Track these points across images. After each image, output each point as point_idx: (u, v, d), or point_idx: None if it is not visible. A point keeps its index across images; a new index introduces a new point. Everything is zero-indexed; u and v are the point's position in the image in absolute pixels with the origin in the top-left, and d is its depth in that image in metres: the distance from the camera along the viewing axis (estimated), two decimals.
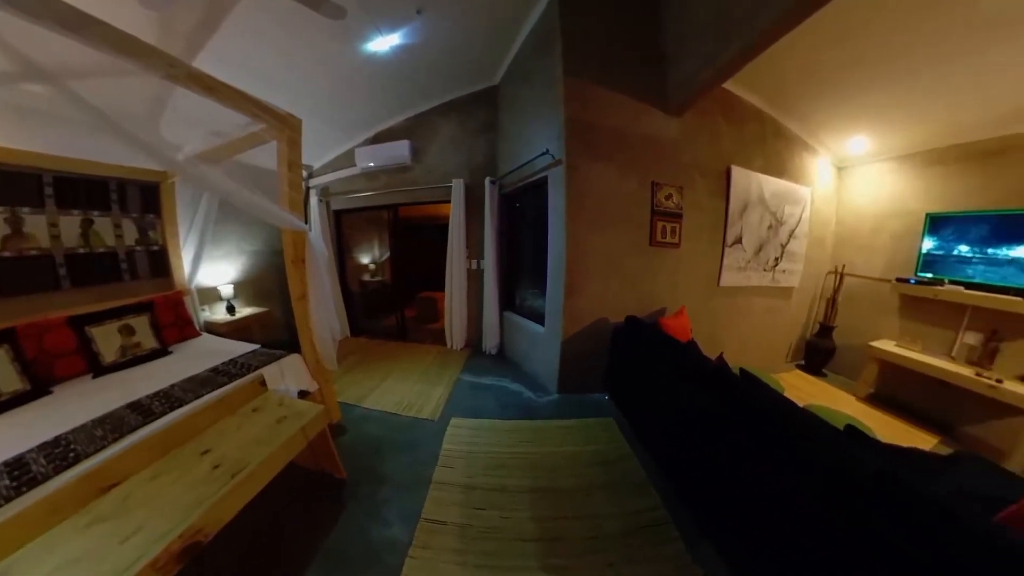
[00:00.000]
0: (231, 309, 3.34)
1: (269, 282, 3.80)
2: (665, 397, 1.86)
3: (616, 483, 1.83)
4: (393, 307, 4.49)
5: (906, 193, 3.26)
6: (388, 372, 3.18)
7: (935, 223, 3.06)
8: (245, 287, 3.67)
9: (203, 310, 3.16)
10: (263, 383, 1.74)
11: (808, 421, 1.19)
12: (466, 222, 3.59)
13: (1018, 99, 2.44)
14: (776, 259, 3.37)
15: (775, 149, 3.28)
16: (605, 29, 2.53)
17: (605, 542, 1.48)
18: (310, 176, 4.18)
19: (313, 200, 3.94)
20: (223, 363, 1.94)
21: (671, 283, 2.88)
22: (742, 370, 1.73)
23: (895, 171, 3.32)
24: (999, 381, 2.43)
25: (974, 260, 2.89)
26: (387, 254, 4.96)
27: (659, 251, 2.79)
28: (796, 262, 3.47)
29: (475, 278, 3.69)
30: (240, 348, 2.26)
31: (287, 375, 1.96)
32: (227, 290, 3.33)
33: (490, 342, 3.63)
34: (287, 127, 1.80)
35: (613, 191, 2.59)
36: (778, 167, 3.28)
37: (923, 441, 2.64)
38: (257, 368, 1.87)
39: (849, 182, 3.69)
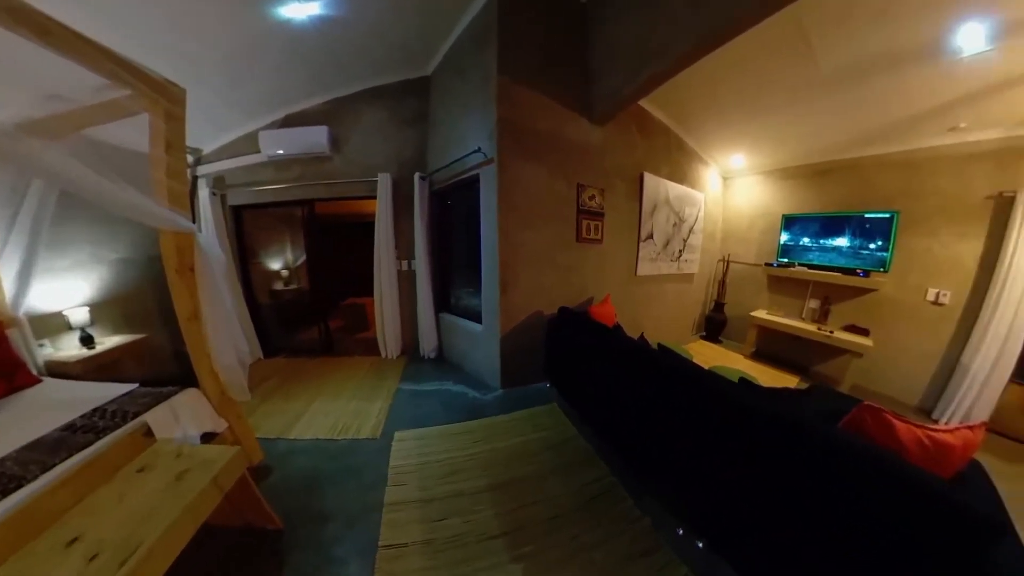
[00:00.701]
0: (88, 341, 2.35)
1: (145, 300, 2.83)
2: (599, 376, 2.00)
3: (567, 462, 1.93)
4: (314, 318, 3.87)
5: (769, 199, 4.06)
6: (315, 393, 2.74)
7: (788, 221, 3.82)
8: (109, 309, 2.67)
9: (42, 345, 2.20)
10: (149, 432, 1.35)
11: (712, 379, 1.47)
12: (394, 220, 3.28)
13: (835, 137, 3.32)
14: (680, 251, 3.81)
15: (677, 160, 3.77)
16: (540, 36, 2.55)
17: (565, 518, 1.56)
18: (198, 162, 3.37)
19: (203, 193, 3.18)
20: (83, 416, 1.39)
21: (597, 275, 3.06)
22: (660, 345, 1.95)
23: (763, 182, 4.14)
24: (831, 332, 3.24)
25: (812, 248, 3.67)
26: (303, 257, 4.18)
27: (585, 247, 2.93)
28: (695, 253, 4.01)
29: (407, 280, 3.44)
30: (108, 391, 1.65)
31: (183, 417, 1.53)
32: (79, 315, 2.36)
33: (428, 346, 3.42)
34: (165, 97, 1.35)
35: (543, 191, 2.64)
36: (680, 175, 3.76)
37: (790, 381, 3.35)
38: (137, 414, 1.41)
39: (732, 189, 4.48)
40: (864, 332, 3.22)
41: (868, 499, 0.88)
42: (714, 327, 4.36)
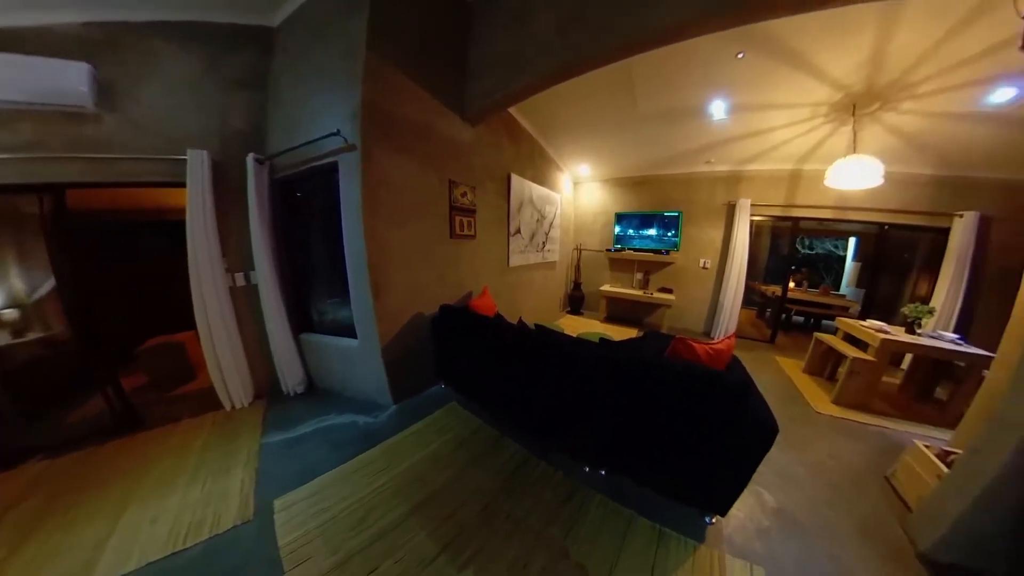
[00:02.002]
0: None
1: None
2: (489, 363, 2.12)
3: (479, 453, 1.95)
4: (88, 382, 2.29)
5: (607, 200, 5.04)
6: (124, 498, 1.68)
7: (619, 217, 4.79)
8: None
9: None
10: None
11: (581, 344, 1.83)
12: (218, 218, 2.25)
13: (647, 159, 4.34)
14: (543, 243, 4.25)
15: (539, 165, 4.14)
16: (418, 20, 2.30)
17: (494, 503, 1.60)
18: None
19: None
20: None
21: (473, 269, 3.09)
22: (536, 325, 2.15)
23: (602, 188, 5.11)
24: (652, 294, 4.40)
25: (635, 237, 4.76)
26: (49, 284, 2.20)
27: (459, 242, 2.91)
28: (555, 244, 4.56)
29: (245, 298, 2.52)
30: None
31: None
32: None
33: (292, 379, 2.61)
34: None
35: (414, 185, 2.45)
36: (541, 178, 4.14)
37: (632, 332, 4.33)
38: None
39: (581, 192, 5.30)
40: (670, 291, 4.53)
41: (689, 392, 1.41)
42: (576, 303, 5.17)
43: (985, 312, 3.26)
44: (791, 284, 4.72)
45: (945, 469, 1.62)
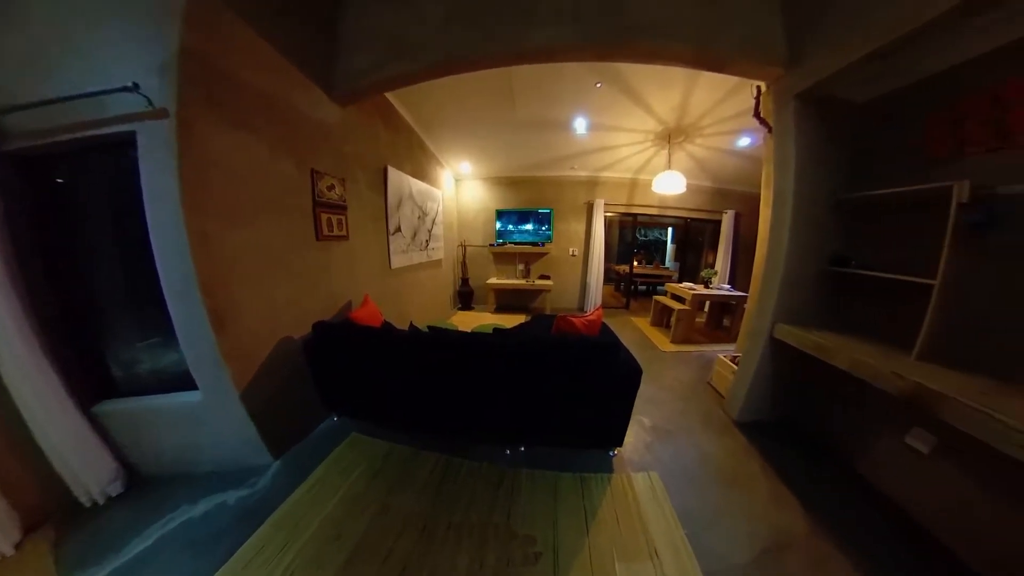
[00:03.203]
0: None
1: None
2: (386, 377, 1.90)
3: (399, 476, 1.77)
4: None
5: (487, 197, 5.11)
6: None
7: (499, 214, 4.96)
8: None
9: None
10: None
11: (476, 336, 1.83)
12: None
13: (524, 161, 4.55)
14: (427, 241, 3.98)
15: (419, 159, 3.82)
16: None
17: (432, 521, 1.49)
18: None
19: None
20: None
21: (349, 275, 2.64)
22: (429, 327, 2.01)
23: (483, 185, 5.14)
24: (534, 282, 4.76)
25: (515, 232, 5.02)
26: None
27: (329, 245, 2.42)
28: (439, 241, 4.36)
29: None
30: None
31: None
32: None
33: (94, 479, 1.58)
34: None
35: (263, 172, 1.85)
36: (421, 173, 3.84)
37: (521, 318, 4.52)
38: None
39: (463, 189, 5.19)
40: (548, 278, 5.03)
41: (575, 358, 1.63)
42: (465, 298, 5.14)
43: (742, 270, 4.98)
44: (635, 263, 6.12)
45: (735, 367, 2.47)
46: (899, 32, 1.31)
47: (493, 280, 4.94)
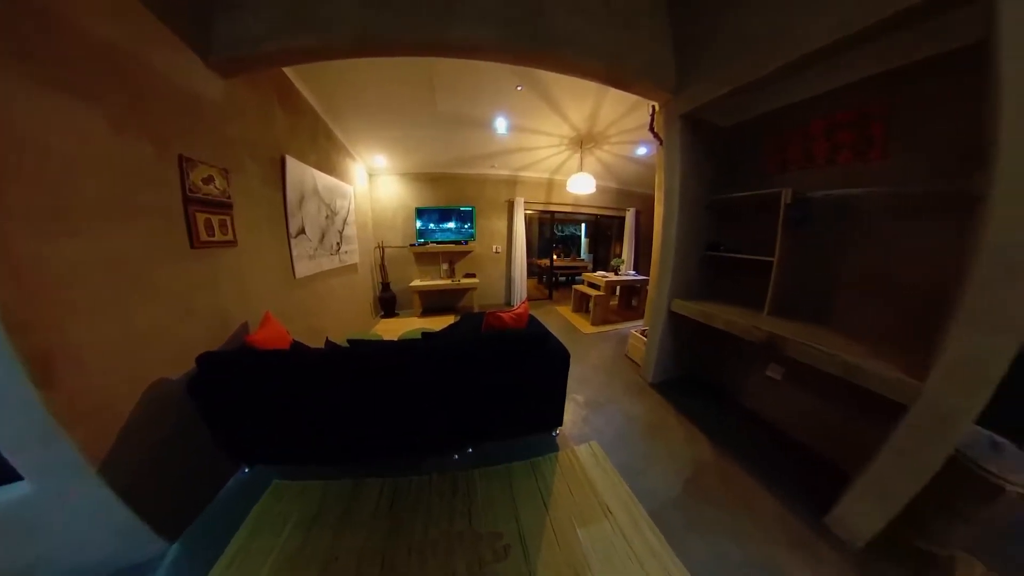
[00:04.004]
0: None
1: None
2: (303, 406, 1.59)
3: (343, 516, 1.55)
4: None
5: (406, 194, 4.78)
6: None
7: (419, 212, 4.69)
8: None
9: None
10: None
11: (405, 344, 1.74)
12: None
13: (444, 158, 4.41)
14: (338, 243, 3.50)
15: (326, 150, 3.29)
16: None
17: (390, 551, 1.38)
18: None
19: None
20: None
21: (241, 291, 2.12)
22: (349, 340, 1.82)
23: (400, 181, 4.78)
24: (459, 281, 4.66)
25: (436, 230, 4.81)
26: None
27: (211, 253, 1.89)
28: (353, 243, 3.85)
29: None
30: None
31: None
32: None
33: None
34: None
35: (103, 157, 1.34)
36: (328, 166, 3.32)
37: (450, 319, 4.42)
38: None
39: (377, 184, 4.73)
40: (473, 276, 4.97)
41: (508, 352, 1.69)
42: (388, 304, 4.70)
43: (644, 258, 5.78)
44: (554, 256, 6.56)
45: (644, 339, 2.95)
46: (746, 80, 1.78)
47: (417, 282, 4.66)
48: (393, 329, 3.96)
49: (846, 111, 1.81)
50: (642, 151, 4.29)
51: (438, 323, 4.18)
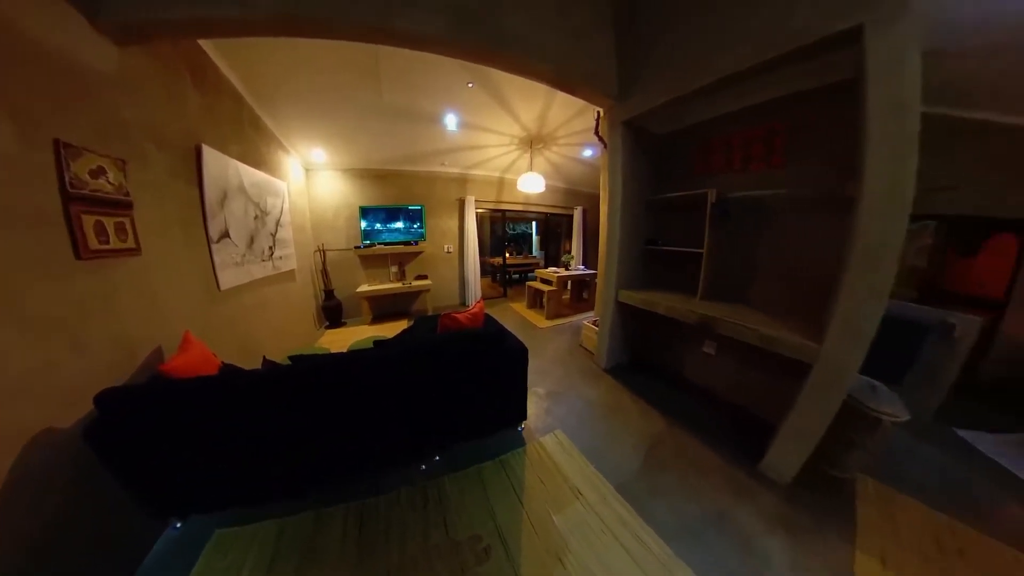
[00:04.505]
0: None
1: None
2: (242, 439, 1.38)
3: (306, 553, 1.40)
4: None
5: (349, 192, 4.39)
6: None
7: (364, 211, 4.36)
8: None
9: None
10: None
11: (355, 355, 1.57)
12: None
13: (391, 153, 4.17)
14: (271, 248, 3.08)
15: (252, 140, 2.83)
16: None
17: None
18: None
19: None
20: None
21: (149, 309, 1.74)
22: (291, 357, 1.59)
23: (342, 178, 4.37)
24: (411, 284, 4.46)
25: (384, 231, 4.53)
26: None
27: (104, 265, 1.52)
28: (288, 247, 3.41)
29: None
30: None
31: None
32: None
33: None
34: None
35: None
36: (256, 158, 2.87)
37: (403, 324, 4.17)
38: None
39: (316, 181, 4.26)
40: (425, 277, 4.79)
41: (466, 352, 1.66)
42: (333, 313, 4.26)
43: (592, 253, 6.14)
44: (507, 254, 6.62)
45: (596, 328, 3.17)
46: (675, 95, 2.04)
47: (364, 287, 4.29)
48: (341, 340, 3.62)
49: (757, 126, 2.17)
50: (588, 153, 4.50)
51: (390, 329, 3.96)
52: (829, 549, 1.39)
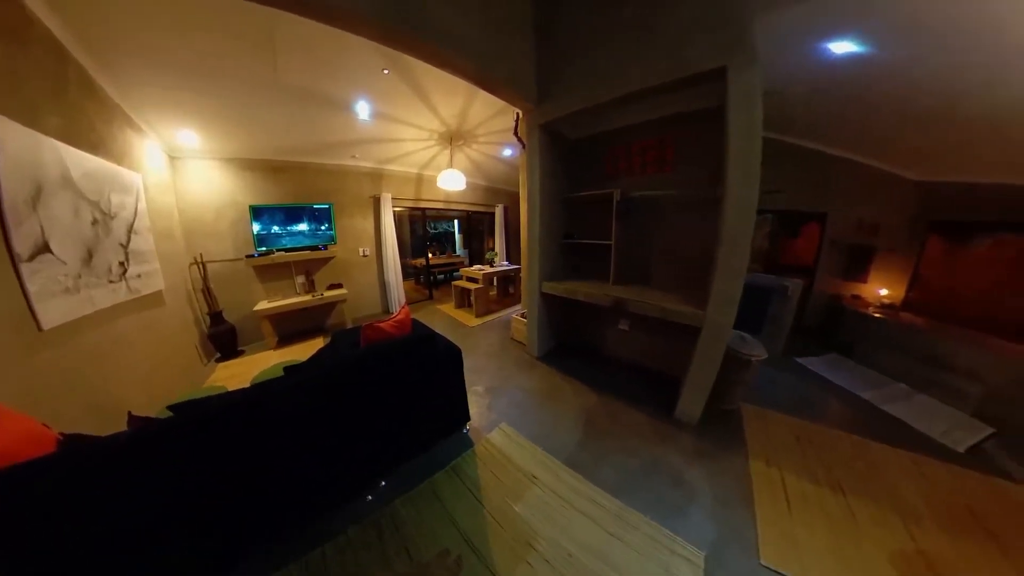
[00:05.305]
0: None
1: None
2: (112, 529, 1.01)
3: None
4: None
5: (234, 188, 3.57)
6: None
7: (256, 212, 3.62)
8: None
9: None
10: None
11: (262, 388, 1.31)
12: None
13: (289, 142, 3.54)
14: (122, 264, 2.33)
15: (84, 112, 2.00)
16: None
17: None
18: None
19: None
20: None
21: None
22: (171, 407, 1.24)
23: (224, 169, 3.51)
24: (323, 295, 3.95)
25: (283, 234, 3.87)
26: None
27: None
28: (150, 262, 2.58)
29: None
30: None
31: None
32: None
33: None
34: None
35: None
36: (91, 139, 2.05)
37: (318, 343, 3.72)
38: None
39: (186, 173, 3.31)
40: (340, 286, 4.21)
41: (394, 364, 1.59)
42: (225, 341, 3.37)
43: (515, 249, 6.33)
44: (430, 255, 6.37)
45: (525, 320, 3.28)
46: (587, 104, 2.26)
47: (264, 304, 3.53)
48: (241, 373, 2.94)
49: (653, 137, 2.62)
50: (508, 152, 4.57)
51: (303, 351, 3.43)
52: (732, 463, 1.83)
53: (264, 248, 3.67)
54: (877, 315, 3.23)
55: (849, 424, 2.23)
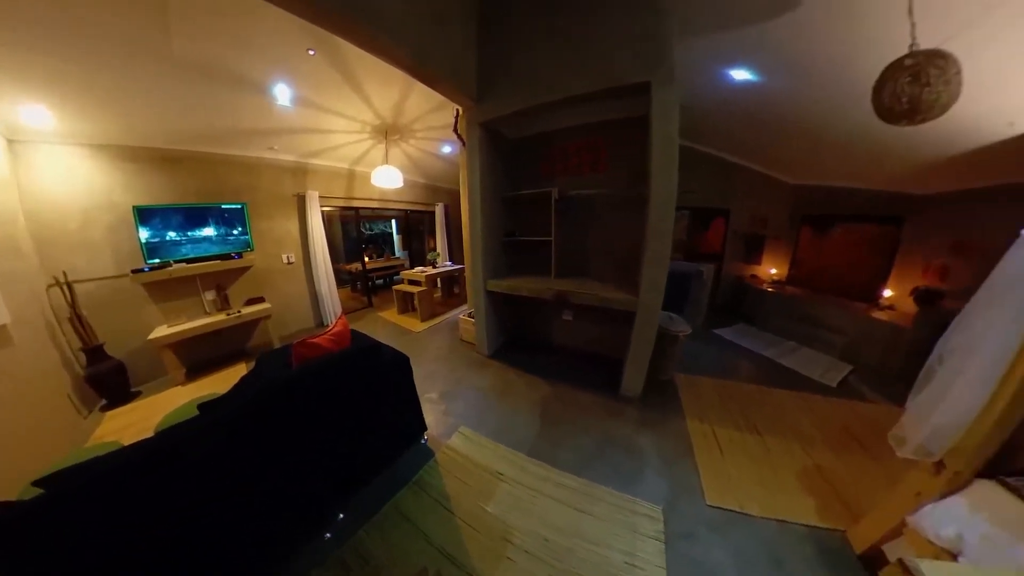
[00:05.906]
0: None
1: None
2: None
3: None
4: None
5: (110, 185, 2.84)
6: None
7: (143, 215, 2.98)
8: None
9: None
10: None
11: (172, 434, 1.07)
12: None
13: (185, 126, 2.90)
14: None
15: None
16: None
17: None
18: None
19: None
20: None
21: None
22: (39, 483, 0.89)
23: (92, 159, 2.73)
24: (239, 312, 3.36)
25: (183, 241, 3.25)
26: None
27: None
28: None
29: None
30: None
31: None
32: None
33: None
34: None
35: None
36: None
37: (239, 370, 3.23)
38: None
39: (34, 164, 2.49)
40: (261, 300, 3.66)
41: (334, 381, 1.44)
42: (112, 383, 2.64)
43: (457, 248, 6.20)
44: (366, 258, 5.90)
45: (472, 320, 3.25)
46: (525, 105, 2.34)
47: (163, 331, 2.85)
48: (138, 421, 2.37)
49: (587, 139, 2.82)
50: (447, 149, 4.43)
51: (222, 381, 2.91)
52: (673, 427, 2.08)
53: (157, 260, 2.98)
54: (770, 290, 4.13)
55: (757, 378, 2.79)
